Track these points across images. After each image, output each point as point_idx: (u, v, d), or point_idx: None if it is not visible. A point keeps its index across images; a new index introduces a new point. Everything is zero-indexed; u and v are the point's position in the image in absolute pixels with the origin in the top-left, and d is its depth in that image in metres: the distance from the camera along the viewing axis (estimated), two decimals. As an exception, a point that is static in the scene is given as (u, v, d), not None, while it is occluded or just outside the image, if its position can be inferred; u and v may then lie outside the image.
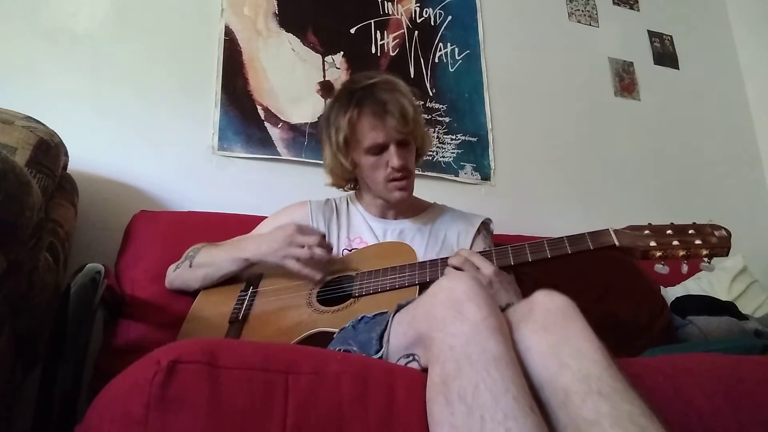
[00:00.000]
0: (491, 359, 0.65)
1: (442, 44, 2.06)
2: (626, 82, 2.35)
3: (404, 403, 0.69)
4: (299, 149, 1.76)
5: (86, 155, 1.47)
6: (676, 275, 1.01)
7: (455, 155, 1.97)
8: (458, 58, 2.07)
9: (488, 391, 0.62)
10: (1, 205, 0.78)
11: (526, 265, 1.07)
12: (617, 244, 1.01)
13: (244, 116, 1.73)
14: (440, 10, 2.10)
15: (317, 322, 1.09)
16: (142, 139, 1.61)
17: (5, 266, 0.81)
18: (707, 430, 0.79)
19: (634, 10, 2.49)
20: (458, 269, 1.06)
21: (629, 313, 1.54)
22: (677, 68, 2.49)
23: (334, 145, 1.24)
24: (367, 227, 1.31)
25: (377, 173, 1.24)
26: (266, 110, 1.76)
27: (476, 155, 2.00)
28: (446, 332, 0.70)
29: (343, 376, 0.68)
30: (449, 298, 0.73)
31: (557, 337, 0.73)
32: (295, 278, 1.19)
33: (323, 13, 1.92)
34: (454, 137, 1.98)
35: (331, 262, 1.19)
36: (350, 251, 1.27)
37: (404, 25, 2.02)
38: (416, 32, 2.03)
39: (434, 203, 1.42)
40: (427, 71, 2.01)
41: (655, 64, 2.45)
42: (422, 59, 2.01)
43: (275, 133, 1.76)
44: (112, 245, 1.41)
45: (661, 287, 1.74)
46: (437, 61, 2.03)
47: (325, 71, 1.87)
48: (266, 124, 1.75)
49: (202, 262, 1.24)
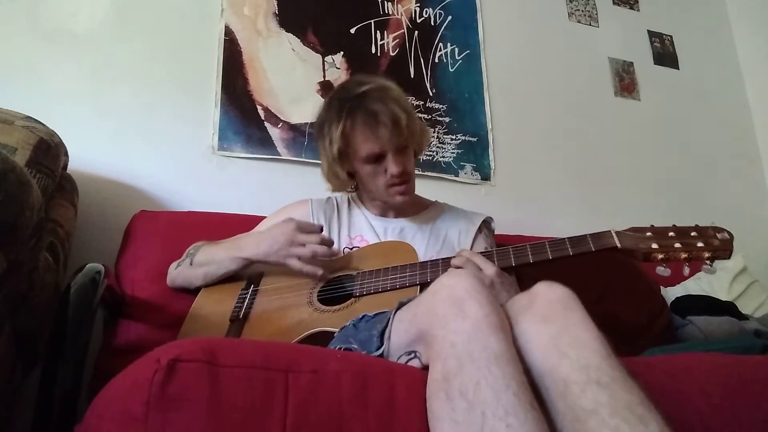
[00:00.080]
0: (492, 356, 0.65)
1: (442, 44, 2.06)
2: (626, 82, 2.35)
3: (404, 401, 0.69)
4: (299, 149, 1.76)
5: (86, 155, 1.47)
6: (676, 275, 1.01)
7: (455, 155, 1.97)
8: (458, 58, 2.07)
9: (489, 387, 0.62)
10: (1, 205, 0.78)
11: (527, 266, 1.07)
12: (619, 245, 1.01)
13: (244, 116, 1.73)
14: (440, 10, 2.10)
15: (318, 321, 1.09)
16: (142, 139, 1.61)
17: (5, 266, 0.81)
18: (707, 429, 0.78)
19: (634, 10, 2.49)
20: (460, 269, 1.06)
21: (629, 313, 1.54)
22: (677, 68, 2.49)
23: (329, 156, 1.23)
24: (368, 225, 1.32)
25: (377, 180, 1.24)
26: (266, 110, 1.76)
27: (476, 155, 2.00)
28: (448, 329, 0.70)
29: (343, 374, 0.68)
30: (450, 295, 0.74)
31: (557, 327, 0.73)
32: (296, 277, 1.19)
33: (323, 13, 1.92)
34: (454, 137, 1.98)
35: (332, 256, 1.19)
36: (351, 249, 1.27)
37: (404, 25, 2.02)
38: (416, 32, 2.03)
39: (436, 201, 1.42)
40: (427, 71, 2.01)
41: (655, 64, 2.45)
42: (422, 59, 2.01)
43: (275, 133, 1.76)
44: (112, 245, 1.41)
45: (661, 287, 1.74)
46: (437, 61, 2.03)
47: (325, 71, 1.87)
48: (266, 124, 1.75)
49: (202, 260, 1.24)
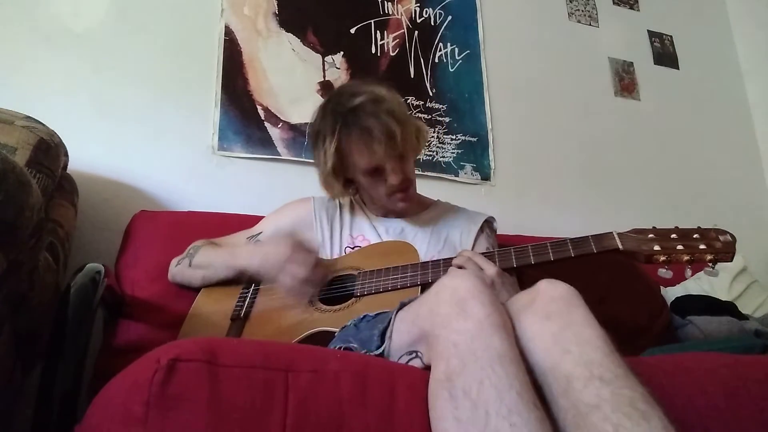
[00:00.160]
0: (495, 356, 0.65)
1: (442, 44, 2.06)
2: (626, 82, 2.35)
3: (405, 401, 0.69)
4: (299, 149, 1.76)
5: (86, 155, 1.47)
6: (676, 275, 1.00)
7: (455, 155, 1.97)
8: (458, 58, 2.07)
9: (493, 387, 0.62)
10: (1, 205, 0.78)
11: (528, 267, 1.07)
12: (621, 247, 1.01)
13: (244, 116, 1.73)
14: (440, 10, 2.10)
15: (319, 321, 1.09)
16: (142, 139, 1.61)
17: (5, 266, 0.81)
18: (707, 429, 0.78)
19: (634, 10, 2.49)
20: (461, 268, 1.06)
21: (629, 313, 1.54)
22: (677, 68, 2.49)
23: (323, 170, 1.22)
24: (369, 225, 1.31)
25: (377, 189, 1.24)
26: (266, 110, 1.76)
27: (476, 155, 2.00)
28: (450, 329, 0.70)
29: (343, 374, 0.68)
30: (453, 296, 0.74)
31: (559, 324, 0.74)
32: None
33: (323, 13, 1.92)
34: (454, 137, 1.98)
35: (322, 283, 1.15)
36: (353, 249, 1.27)
37: (404, 25, 2.02)
38: (416, 32, 2.03)
39: (437, 201, 1.42)
40: (427, 71, 2.01)
41: (655, 64, 2.45)
42: (422, 59, 2.01)
43: (275, 133, 1.76)
44: (112, 245, 1.41)
45: (661, 287, 1.74)
46: (437, 61, 2.03)
47: (325, 71, 1.87)
48: (266, 124, 1.75)
49: (200, 263, 1.24)
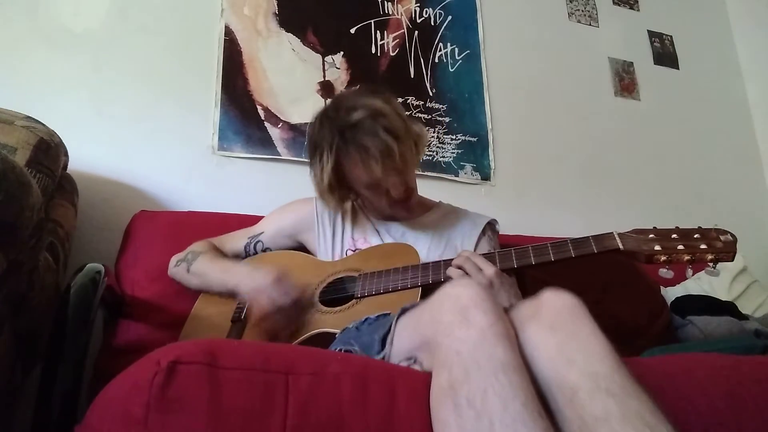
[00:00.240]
0: (499, 365, 0.65)
1: (442, 44, 2.06)
2: (626, 82, 2.35)
3: (405, 404, 0.69)
4: (299, 149, 1.76)
5: (86, 155, 1.47)
6: (676, 275, 1.00)
7: (455, 155, 1.96)
8: (458, 58, 2.07)
9: (497, 396, 0.62)
10: (1, 205, 0.78)
11: (528, 267, 1.07)
12: (621, 248, 1.01)
13: (244, 116, 1.73)
14: (440, 10, 2.10)
15: (319, 322, 1.10)
16: (142, 139, 1.61)
17: (5, 266, 0.81)
18: (707, 430, 0.78)
19: (634, 10, 2.49)
20: (460, 268, 1.06)
21: (629, 313, 1.54)
22: (677, 68, 2.49)
23: (320, 186, 1.20)
24: (371, 228, 1.31)
25: (379, 201, 1.24)
26: (266, 110, 1.76)
27: (476, 155, 2.00)
28: (453, 338, 0.70)
29: (343, 376, 0.68)
30: (455, 304, 0.73)
31: (564, 335, 0.73)
32: (297, 278, 1.20)
33: (323, 13, 1.92)
34: (454, 137, 1.98)
35: (296, 317, 1.13)
36: (354, 251, 1.27)
37: (404, 25, 2.02)
38: (416, 32, 2.03)
39: (440, 202, 1.41)
40: (427, 71, 2.00)
41: (655, 64, 2.45)
42: (422, 59, 2.01)
43: (275, 133, 1.76)
44: (112, 245, 1.41)
45: (661, 287, 1.74)
46: (437, 61, 2.03)
47: (325, 71, 1.87)
48: (266, 124, 1.75)
49: (197, 272, 1.23)
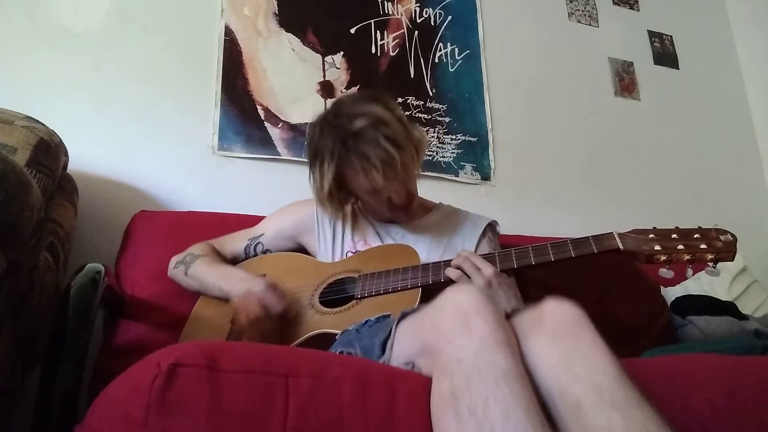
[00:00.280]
0: (500, 374, 0.65)
1: (442, 44, 2.06)
2: (626, 82, 2.35)
3: (405, 407, 0.68)
4: (299, 149, 1.76)
5: (86, 155, 1.47)
6: (676, 275, 1.00)
7: (455, 155, 1.96)
8: (458, 58, 2.07)
9: (498, 405, 0.61)
10: (1, 205, 0.78)
11: (528, 267, 1.07)
12: (621, 248, 1.01)
13: (244, 116, 1.73)
14: (440, 10, 2.10)
15: (320, 323, 1.10)
16: (142, 139, 1.61)
17: (5, 266, 0.81)
18: (707, 431, 0.78)
19: (634, 10, 2.49)
20: (459, 268, 1.06)
21: (629, 313, 1.54)
22: (677, 68, 2.49)
23: (320, 193, 1.19)
24: (371, 229, 1.31)
25: (380, 207, 1.23)
26: (266, 110, 1.76)
27: (476, 155, 2.00)
28: (454, 345, 0.69)
29: (343, 379, 0.68)
30: (456, 310, 0.73)
31: (568, 347, 0.72)
32: (297, 279, 1.19)
33: (323, 13, 1.92)
34: (454, 137, 1.98)
35: (277, 327, 1.12)
36: (354, 253, 1.27)
37: (404, 25, 2.02)
38: (416, 32, 2.03)
39: (440, 204, 1.41)
40: (427, 71, 2.00)
41: (655, 64, 2.44)
42: (422, 59, 2.01)
43: (275, 133, 1.76)
44: (112, 245, 1.41)
45: (661, 287, 1.74)
46: (437, 61, 2.03)
47: (325, 71, 1.86)
48: (266, 124, 1.75)
49: (194, 275, 1.24)
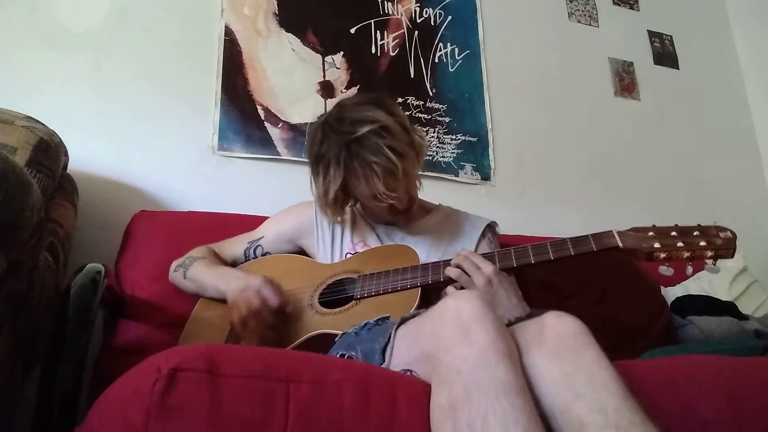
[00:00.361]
0: (500, 387, 0.64)
1: (442, 44, 2.06)
2: (626, 82, 2.35)
3: (406, 411, 0.68)
4: (299, 149, 1.76)
5: (86, 155, 1.47)
6: (676, 274, 1.00)
7: (455, 155, 1.96)
8: (458, 58, 2.07)
9: (498, 421, 0.61)
10: (1, 205, 0.78)
11: (528, 266, 1.07)
12: (621, 245, 1.00)
13: (244, 116, 1.73)
14: (440, 10, 2.10)
15: (319, 323, 1.10)
16: (142, 139, 1.61)
17: (5, 266, 0.81)
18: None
19: (634, 10, 2.49)
20: (459, 267, 1.06)
21: (629, 313, 1.55)
22: (677, 68, 2.49)
23: (322, 197, 1.19)
24: (370, 231, 1.31)
25: (381, 210, 1.23)
26: (266, 110, 1.76)
27: (476, 155, 2.00)
28: (454, 355, 0.68)
29: (344, 384, 0.68)
30: (457, 319, 0.72)
31: (570, 364, 0.71)
32: (296, 279, 1.19)
33: (323, 13, 1.92)
34: (454, 137, 1.98)
35: (273, 325, 1.10)
36: (353, 254, 1.27)
37: (404, 25, 2.02)
38: (416, 32, 2.03)
39: (439, 205, 1.41)
40: (427, 71, 2.00)
41: (655, 64, 2.44)
42: (422, 59, 2.01)
43: (275, 133, 1.76)
44: (112, 245, 1.41)
45: (661, 287, 1.74)
46: (437, 61, 2.03)
47: (325, 71, 1.86)
48: (266, 124, 1.75)
49: (193, 277, 1.24)
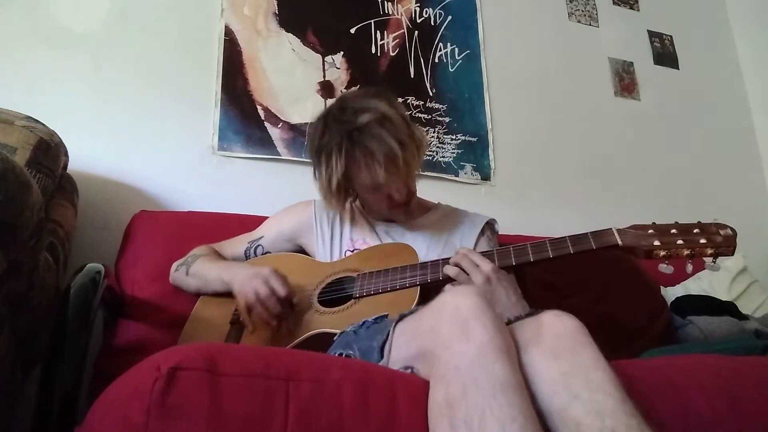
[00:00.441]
0: (498, 384, 0.64)
1: (442, 44, 2.06)
2: (626, 82, 2.35)
3: (406, 410, 0.68)
4: (299, 149, 1.76)
5: (86, 155, 1.47)
6: (676, 274, 1.00)
7: (455, 155, 1.96)
8: (458, 58, 2.07)
9: (495, 419, 0.60)
10: (1, 205, 0.78)
11: (527, 265, 1.07)
12: (620, 243, 1.00)
13: (244, 116, 1.73)
14: (440, 10, 2.10)
15: (318, 322, 1.10)
16: (142, 139, 1.61)
17: (5, 266, 0.82)
18: (707, 431, 0.78)
19: (634, 10, 2.49)
20: (457, 266, 1.06)
21: (629, 313, 1.54)
22: (677, 68, 2.49)
23: (325, 186, 1.20)
24: (370, 228, 1.31)
25: (379, 204, 1.24)
26: (266, 110, 1.76)
27: (476, 155, 2.00)
28: (452, 351, 0.68)
29: (344, 383, 0.68)
30: (455, 315, 0.72)
31: (568, 364, 0.71)
32: (296, 279, 1.20)
33: (323, 13, 1.92)
34: (454, 137, 1.98)
35: (275, 318, 1.11)
36: (353, 252, 1.27)
37: (404, 25, 2.02)
38: (416, 32, 2.03)
39: (438, 203, 1.41)
40: (427, 71, 2.00)
41: (655, 64, 2.44)
42: (422, 59, 2.01)
43: (275, 133, 1.76)
44: (112, 245, 1.41)
45: (661, 287, 1.74)
46: (437, 61, 2.03)
47: (325, 71, 1.86)
48: (266, 124, 1.75)
49: (196, 273, 1.24)
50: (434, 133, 1.95)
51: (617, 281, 1.59)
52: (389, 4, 2.01)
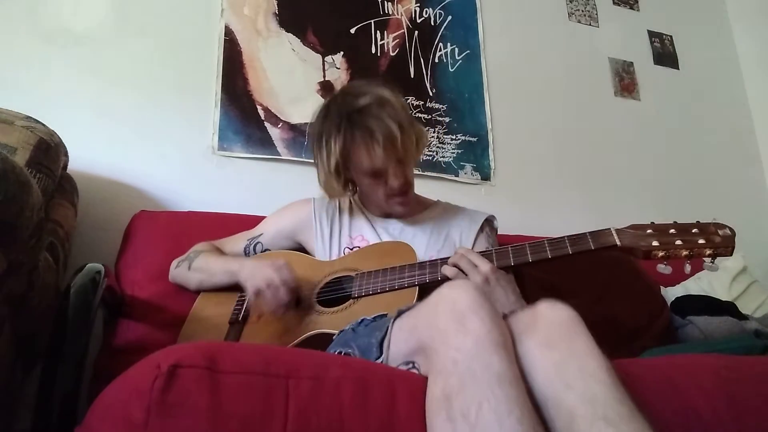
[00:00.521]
0: (495, 377, 0.64)
1: (442, 44, 2.06)
2: (626, 82, 2.35)
3: (405, 408, 0.68)
4: (299, 149, 1.76)
5: (86, 155, 1.47)
6: (675, 275, 1.00)
7: (455, 155, 1.97)
8: (458, 58, 2.07)
9: (492, 411, 0.61)
10: (1, 205, 0.78)
11: (526, 265, 1.07)
12: (619, 243, 1.00)
13: (244, 116, 1.73)
14: (440, 10, 2.10)
15: (317, 323, 1.10)
16: (142, 139, 1.61)
17: (5, 266, 0.82)
18: (706, 431, 0.78)
19: (634, 10, 2.49)
20: (456, 266, 1.06)
21: (629, 313, 1.54)
22: (677, 68, 2.49)
23: (326, 169, 1.21)
24: (369, 226, 1.31)
25: (377, 191, 1.24)
26: (266, 110, 1.76)
27: (476, 155, 2.00)
28: (449, 345, 0.69)
29: (343, 381, 0.68)
30: (452, 309, 0.73)
31: (562, 354, 0.72)
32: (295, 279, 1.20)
33: (323, 13, 1.92)
34: (454, 137, 1.98)
35: (280, 309, 1.12)
36: (352, 249, 1.27)
37: (404, 25, 2.02)
38: (416, 32, 2.03)
39: (437, 201, 1.42)
40: (427, 71, 2.00)
41: (655, 64, 2.44)
42: (422, 59, 2.01)
43: (275, 133, 1.76)
44: (112, 245, 1.41)
45: (661, 287, 1.74)
46: (437, 61, 2.03)
47: (325, 71, 1.87)
48: (266, 124, 1.75)
49: (199, 267, 1.25)
50: (434, 133, 1.95)
51: (617, 281, 1.59)
52: (389, 4, 2.01)
